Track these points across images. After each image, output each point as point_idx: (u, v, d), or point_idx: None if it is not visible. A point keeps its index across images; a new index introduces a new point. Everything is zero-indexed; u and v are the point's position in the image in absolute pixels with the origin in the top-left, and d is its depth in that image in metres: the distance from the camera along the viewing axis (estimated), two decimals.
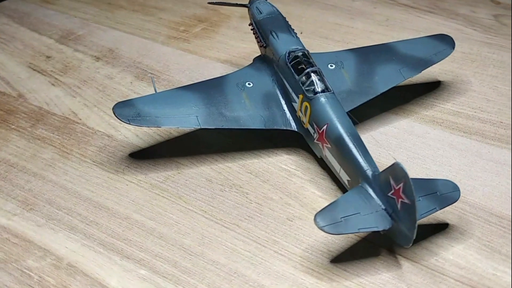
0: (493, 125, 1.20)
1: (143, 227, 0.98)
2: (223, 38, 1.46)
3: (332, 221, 0.89)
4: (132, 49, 1.42)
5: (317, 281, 0.90)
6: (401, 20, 1.55)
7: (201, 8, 1.58)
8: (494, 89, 1.30)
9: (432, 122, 1.21)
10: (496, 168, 1.09)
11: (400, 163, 0.85)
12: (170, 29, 1.49)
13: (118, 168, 1.09)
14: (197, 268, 0.92)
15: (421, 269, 0.91)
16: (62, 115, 1.22)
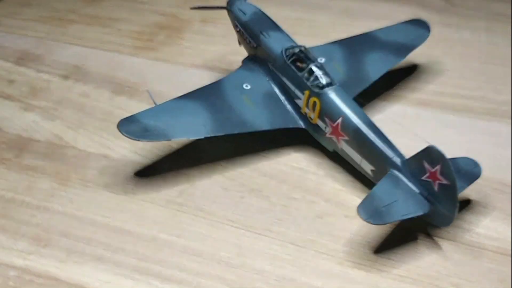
0: (477, 101, 1.25)
1: (174, 245, 0.94)
2: (191, 43, 1.42)
3: (375, 212, 0.89)
4: (99, 63, 1.35)
5: (367, 274, 0.89)
6: (359, 9, 1.57)
7: (159, 15, 1.53)
8: (466, 67, 1.35)
9: (421, 104, 1.23)
10: (494, 140, 1.14)
11: (435, 146, 0.87)
12: (134, 39, 1.43)
13: (126, 189, 1.03)
14: (244, 280, 0.89)
15: (459, 246, 0.93)
16: (46, 140, 1.14)
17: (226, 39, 1.43)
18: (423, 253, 0.92)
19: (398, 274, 0.89)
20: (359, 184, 1.03)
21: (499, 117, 1.20)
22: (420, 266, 0.90)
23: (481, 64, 1.36)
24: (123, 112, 1.20)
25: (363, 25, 1.48)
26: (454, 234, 0.95)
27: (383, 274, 0.89)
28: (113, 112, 1.21)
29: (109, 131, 1.16)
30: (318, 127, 1.05)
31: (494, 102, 1.24)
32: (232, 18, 1.20)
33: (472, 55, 1.39)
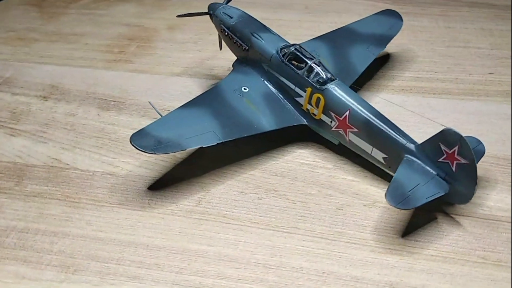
0: (452, 82, 1.31)
1: (207, 255, 0.93)
2: (164, 51, 1.41)
3: (402, 197, 0.92)
4: (76, 80, 1.31)
5: (400, 258, 0.93)
6: (318, 5, 1.61)
7: (122, 26, 1.50)
8: (433, 51, 1.42)
9: (404, 91, 1.29)
10: (477, 118, 1.20)
11: (452, 128, 0.91)
12: (104, 53, 1.40)
13: (143, 204, 1.02)
14: (286, 279, 0.90)
15: (476, 221, 0.98)
16: (44, 164, 1.10)
17: (199, 45, 1.43)
18: (446, 231, 0.96)
19: (429, 254, 0.93)
20: (369, 173, 1.07)
21: (476, 96, 1.27)
22: (446, 244, 0.94)
23: (446, 48, 1.43)
24: (116, 127, 1.18)
25: (327, 20, 1.54)
26: (468, 210, 1.00)
27: (415, 256, 0.93)
28: (105, 128, 1.18)
29: (107, 148, 1.13)
30: (323, 122, 1.08)
31: (468, 82, 1.31)
32: (217, 23, 1.20)
33: (436, 40, 1.46)
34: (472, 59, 1.39)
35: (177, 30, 1.48)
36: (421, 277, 0.90)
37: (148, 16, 1.54)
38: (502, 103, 1.25)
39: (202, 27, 1.48)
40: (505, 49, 1.42)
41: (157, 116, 1.12)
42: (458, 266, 0.91)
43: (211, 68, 1.34)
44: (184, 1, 1.60)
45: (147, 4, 1.59)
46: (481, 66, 1.36)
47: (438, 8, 1.60)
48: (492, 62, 1.38)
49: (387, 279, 0.89)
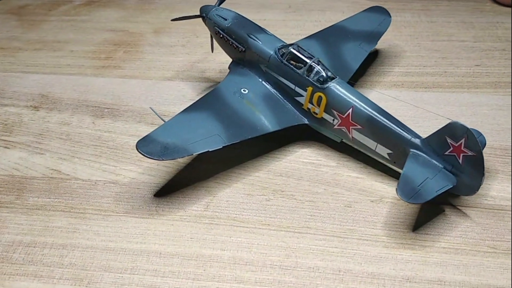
0: (441, 76, 1.33)
1: (221, 259, 0.93)
2: (153, 56, 1.39)
3: (413, 192, 0.93)
4: (66, 89, 1.28)
5: (412, 252, 0.94)
6: (301, 3, 1.62)
7: (107, 32, 1.48)
8: (419, 46, 1.44)
9: (396, 86, 1.30)
10: (470, 110, 1.23)
11: (458, 121, 0.93)
12: (91, 60, 1.38)
13: (150, 211, 1.00)
14: (303, 279, 0.90)
15: (482, 211, 1.00)
16: (43, 176, 1.07)
17: (187, 48, 1.42)
18: (454, 223, 0.98)
19: (440, 247, 0.94)
20: (372, 169, 1.08)
21: (466, 88, 1.29)
22: (456, 236, 0.96)
23: (431, 42, 1.45)
24: (113, 135, 1.16)
25: (312, 18, 1.54)
26: (473, 201, 1.01)
27: (427, 249, 0.94)
28: (102, 136, 1.16)
29: (106, 156, 1.11)
30: (325, 120, 1.08)
31: (457, 75, 1.33)
32: (210, 25, 1.19)
33: (420, 35, 1.48)
34: (457, 52, 1.41)
35: (163, 33, 1.46)
36: (436, 270, 0.91)
37: (132, 20, 1.52)
38: (492, 94, 1.27)
39: (188, 30, 1.47)
40: (488, 41, 1.45)
41: (155, 122, 1.11)
42: (470, 256, 0.93)
43: (203, 71, 1.33)
44: (167, 4, 1.58)
45: (129, 8, 1.57)
46: (467, 59, 1.39)
47: (419, 3, 1.62)
48: (477, 54, 1.40)
49: (403, 273, 0.90)
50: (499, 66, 1.36)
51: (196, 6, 1.55)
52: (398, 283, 0.89)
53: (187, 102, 1.24)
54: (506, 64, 1.37)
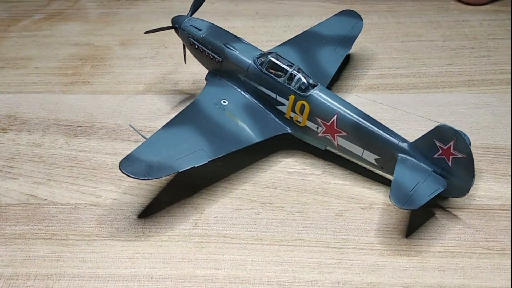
0: (415, 77, 1.34)
1: (216, 279, 0.90)
2: (122, 69, 1.35)
3: (406, 198, 0.92)
4: (34, 108, 1.23)
5: (409, 258, 0.93)
6: (268, 10, 1.60)
7: (71, 46, 1.43)
8: (390, 48, 1.44)
9: (372, 89, 1.30)
10: (447, 110, 1.23)
11: (446, 124, 0.92)
12: (58, 76, 1.32)
13: (137, 233, 0.96)
14: None
15: (472, 212, 1.00)
16: (19, 202, 1.02)
17: (157, 60, 1.39)
18: (446, 226, 0.97)
19: (436, 251, 0.94)
20: (359, 176, 1.06)
21: (441, 88, 1.30)
22: (450, 239, 0.95)
23: (401, 43, 1.46)
24: (89, 154, 1.12)
25: (280, 24, 1.53)
26: (462, 202, 1.01)
27: (423, 254, 0.93)
28: (78, 156, 1.11)
29: (84, 178, 1.07)
30: (308, 128, 1.06)
31: (430, 75, 1.34)
32: (184, 36, 1.16)
33: (389, 36, 1.48)
34: (428, 52, 1.42)
35: (130, 45, 1.42)
36: (434, 275, 0.90)
37: (96, 33, 1.47)
38: (467, 93, 1.28)
39: (156, 41, 1.43)
40: (456, 40, 1.46)
41: (132, 138, 1.09)
42: (466, 259, 0.92)
43: (176, 83, 1.29)
44: (131, 15, 1.54)
45: (91, 21, 1.52)
46: (438, 58, 1.40)
47: (385, 4, 1.62)
48: (447, 53, 1.41)
49: (402, 281, 0.89)
50: (470, 64, 1.37)
51: (161, 16, 1.53)
52: None
53: (162, 116, 1.20)
54: (476, 62, 1.38)
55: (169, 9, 1.58)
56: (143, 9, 1.57)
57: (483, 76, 1.33)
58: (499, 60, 1.39)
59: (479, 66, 1.37)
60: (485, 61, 1.39)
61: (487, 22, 1.53)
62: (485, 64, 1.37)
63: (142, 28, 1.48)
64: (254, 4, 1.61)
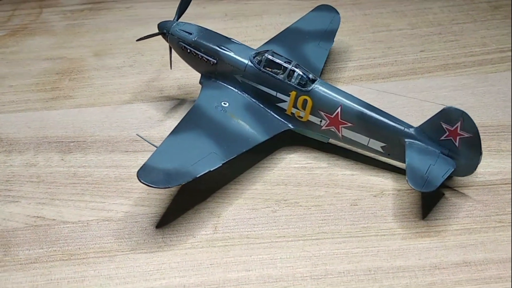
0: (394, 65, 1.37)
1: (250, 281, 0.90)
2: (102, 80, 1.31)
3: (423, 181, 0.95)
4: (19, 127, 1.18)
5: (430, 239, 0.95)
6: (236, 11, 1.59)
7: (44, 61, 1.38)
8: (362, 39, 1.47)
9: (355, 81, 1.32)
10: (434, 93, 1.27)
11: (452, 106, 0.96)
12: (37, 93, 1.27)
13: (158, 244, 0.95)
14: (337, 286, 0.89)
15: (478, 189, 1.04)
16: (27, 225, 0.98)
17: (136, 68, 1.36)
18: (457, 205, 1.01)
19: (454, 229, 0.97)
20: (363, 165, 1.08)
21: (420, 74, 1.34)
22: (464, 217, 0.99)
23: (372, 34, 1.49)
24: (88, 169, 1.09)
25: (251, 24, 1.53)
26: (466, 180, 1.05)
27: (442, 234, 0.96)
28: (77, 172, 1.08)
29: (90, 193, 1.04)
30: (311, 123, 1.07)
31: (407, 63, 1.38)
32: (174, 41, 1.14)
33: (360, 28, 1.51)
34: (399, 41, 1.46)
35: (105, 55, 1.39)
36: (457, 252, 0.93)
37: (67, 46, 1.42)
38: (445, 76, 1.33)
39: (131, 49, 1.40)
40: (423, 27, 1.51)
41: (130, 149, 1.09)
42: (483, 234, 0.96)
43: (161, 90, 1.28)
44: (98, 25, 1.50)
45: (59, 33, 1.47)
46: (410, 46, 1.44)
47: None
48: (418, 40, 1.46)
49: (429, 261, 0.92)
50: (441, 49, 1.42)
51: (130, 24, 1.51)
52: (428, 272, 0.90)
53: (155, 123, 1.19)
54: (446, 46, 1.43)
55: (135, 16, 1.55)
56: (109, 18, 1.53)
57: (456, 60, 1.38)
58: (467, 43, 1.44)
59: (450, 50, 1.41)
60: (455, 45, 1.43)
61: (447, 8, 1.58)
62: (455, 48, 1.42)
63: (112, 37, 1.46)
64: (221, 6, 1.60)
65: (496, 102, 1.25)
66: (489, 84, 1.30)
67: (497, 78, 1.32)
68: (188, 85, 1.29)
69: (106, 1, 1.61)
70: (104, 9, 1.57)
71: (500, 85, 1.30)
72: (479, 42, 1.44)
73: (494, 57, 1.39)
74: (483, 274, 0.90)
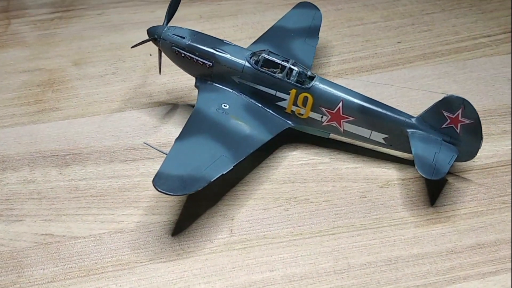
0: (375, 58, 1.39)
1: (275, 280, 0.90)
2: (87, 89, 1.28)
3: (432, 169, 0.98)
4: (8, 144, 1.14)
5: (442, 225, 0.98)
6: (210, 12, 1.58)
7: (22, 74, 1.33)
8: (340, 34, 1.49)
9: (341, 75, 1.34)
10: (419, 82, 1.30)
11: (453, 94, 0.99)
12: (20, 107, 1.23)
13: (176, 251, 0.94)
14: (362, 278, 0.91)
15: (478, 173, 1.07)
16: (35, 245, 0.95)
17: (120, 75, 1.33)
18: (461, 189, 1.04)
19: (462, 214, 1.00)
20: (365, 157, 1.10)
21: (401, 65, 1.37)
22: (469, 200, 1.02)
23: (348, 28, 1.51)
24: (90, 181, 1.07)
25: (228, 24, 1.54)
26: (465, 165, 1.08)
27: (452, 218, 0.99)
28: (79, 186, 1.05)
29: (96, 206, 1.02)
30: (311, 119, 1.08)
31: (387, 54, 1.40)
32: (167, 46, 1.12)
33: (335, 24, 1.53)
34: (376, 34, 1.49)
35: (85, 64, 1.35)
36: (470, 235, 0.96)
37: (43, 56, 1.38)
38: (425, 66, 1.36)
39: (111, 56, 1.38)
40: (396, 19, 1.54)
41: (130, 158, 1.07)
42: (490, 216, 0.99)
43: (149, 95, 1.26)
44: (72, 33, 1.46)
45: (32, 44, 1.42)
46: (387, 38, 1.47)
47: None
48: (393, 32, 1.49)
49: (445, 247, 0.94)
50: (417, 39, 1.45)
51: (104, 31, 1.48)
52: (446, 257, 0.93)
53: (150, 130, 1.17)
54: (421, 36, 1.46)
55: (108, 23, 1.52)
56: (82, 26, 1.50)
57: (433, 49, 1.42)
58: (440, 32, 1.48)
59: (425, 40, 1.45)
60: (429, 35, 1.47)
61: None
62: (430, 38, 1.46)
63: (89, 45, 1.43)
64: (194, 8, 1.59)
65: (478, 88, 1.29)
66: (468, 70, 1.34)
67: (474, 64, 1.37)
68: (177, 89, 1.27)
69: (75, 9, 1.57)
70: (74, 16, 1.53)
71: (478, 71, 1.34)
72: (451, 31, 1.48)
73: (468, 44, 1.43)
74: (497, 255, 0.93)
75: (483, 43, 1.43)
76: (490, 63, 1.36)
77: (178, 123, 1.17)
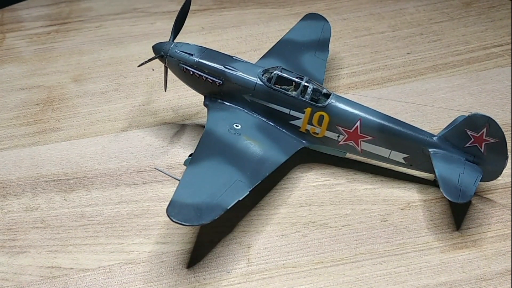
0: (385, 70, 1.35)
1: None
2: (88, 108, 1.23)
3: (458, 191, 0.94)
4: (8, 168, 1.08)
5: (469, 250, 0.94)
6: (212, 23, 1.53)
7: (20, 91, 1.27)
8: (347, 45, 1.45)
9: (351, 89, 1.30)
10: (432, 96, 1.26)
11: (478, 113, 0.95)
12: (20, 127, 1.18)
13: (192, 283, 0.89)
14: None
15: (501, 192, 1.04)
16: (42, 277, 0.89)
17: (122, 92, 1.28)
18: (486, 211, 1.00)
19: (489, 237, 0.95)
20: (382, 177, 1.06)
21: (413, 77, 1.33)
22: (495, 223, 0.98)
23: (355, 39, 1.47)
24: (97, 208, 1.01)
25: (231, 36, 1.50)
26: (487, 185, 1.04)
27: (478, 242, 0.95)
28: (85, 213, 1.00)
29: (104, 235, 0.96)
30: (327, 138, 1.04)
31: (397, 66, 1.36)
32: (173, 63, 1.07)
33: (342, 34, 1.49)
34: (384, 44, 1.44)
35: (85, 80, 1.30)
36: (498, 261, 0.92)
37: (41, 73, 1.32)
38: (438, 78, 1.32)
39: (112, 72, 1.32)
40: (403, 29, 1.50)
41: (137, 182, 1.02)
42: None
43: (154, 113, 1.21)
44: (70, 47, 1.41)
45: (29, 60, 1.37)
46: (396, 49, 1.42)
47: (322, 3, 1.62)
48: (402, 43, 1.45)
49: (473, 273, 0.90)
50: (427, 50, 1.41)
51: (103, 45, 1.43)
52: (475, 285, 0.89)
53: (156, 150, 1.12)
54: (431, 47, 1.42)
55: (107, 36, 1.47)
56: (80, 40, 1.44)
57: (444, 60, 1.38)
58: (450, 42, 1.44)
59: (436, 51, 1.41)
60: (439, 45, 1.43)
61: (422, 7, 1.58)
62: (440, 48, 1.42)
63: (89, 60, 1.38)
64: (196, 20, 1.53)
65: (494, 101, 1.25)
66: (482, 82, 1.31)
67: (487, 76, 1.33)
68: (182, 106, 1.22)
69: (72, 22, 1.51)
70: (72, 30, 1.48)
71: (492, 82, 1.30)
72: (462, 40, 1.44)
73: (479, 54, 1.40)
74: None
75: (495, 53, 1.39)
76: (504, 74, 1.32)
77: (186, 144, 1.12)
